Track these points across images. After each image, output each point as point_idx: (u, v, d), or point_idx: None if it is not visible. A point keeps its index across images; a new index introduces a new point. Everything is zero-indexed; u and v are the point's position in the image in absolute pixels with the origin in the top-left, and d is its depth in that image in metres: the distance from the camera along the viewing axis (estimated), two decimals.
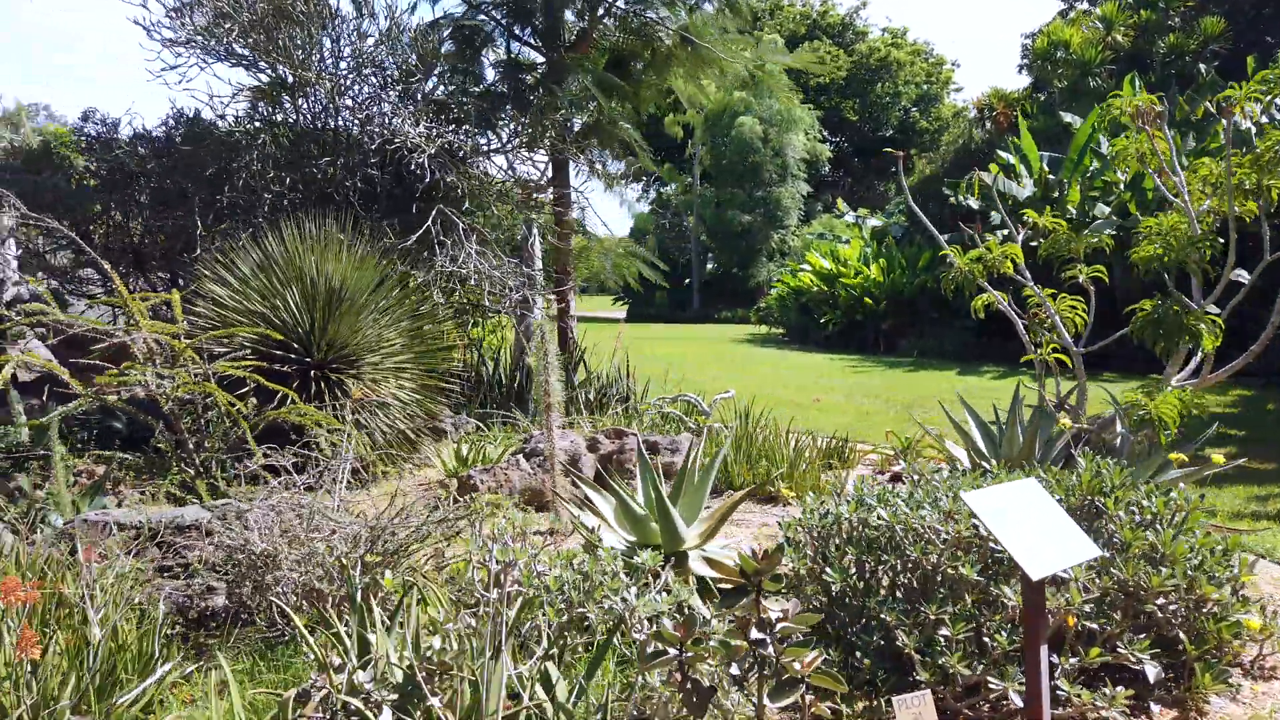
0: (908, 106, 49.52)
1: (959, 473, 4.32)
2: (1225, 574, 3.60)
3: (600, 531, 3.96)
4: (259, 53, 6.89)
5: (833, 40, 50.01)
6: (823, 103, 47.28)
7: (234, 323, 5.63)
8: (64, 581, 3.11)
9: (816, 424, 10.01)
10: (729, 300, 39.20)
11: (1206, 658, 3.46)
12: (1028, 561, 2.70)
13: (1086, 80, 22.39)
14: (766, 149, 39.31)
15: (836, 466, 7.28)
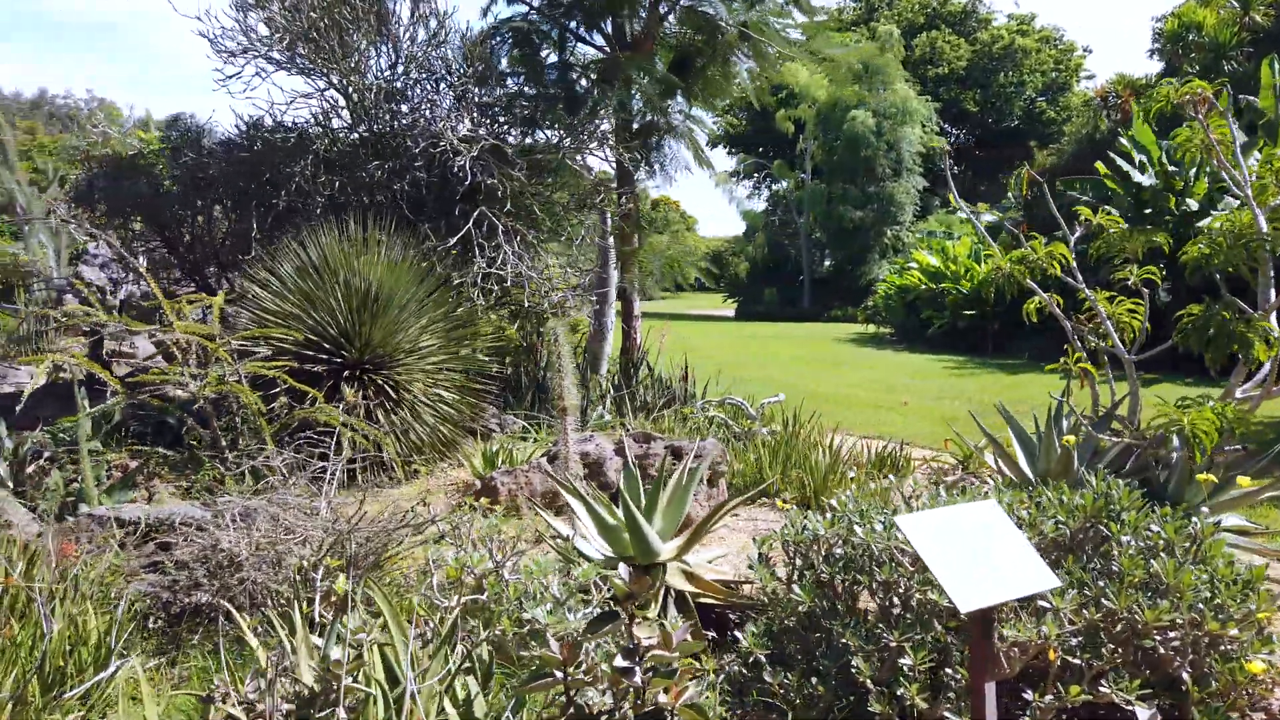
0: (1033, 96, 47.38)
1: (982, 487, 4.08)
2: (1238, 609, 3.27)
3: (576, 540, 3.91)
4: (310, 61, 7.13)
5: (953, 29, 48.33)
6: (942, 94, 45.78)
7: (273, 324, 5.83)
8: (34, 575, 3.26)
9: (896, 428, 9.69)
10: (841, 298, 38.37)
11: (1209, 701, 3.15)
12: (958, 591, 2.51)
13: (1220, 64, 20.94)
14: (880, 143, 38.31)
15: (887, 475, 7.01)
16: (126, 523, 4.00)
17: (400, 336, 6.21)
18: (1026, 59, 46.99)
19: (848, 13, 49.46)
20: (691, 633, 3.79)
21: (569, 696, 2.33)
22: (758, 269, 45.41)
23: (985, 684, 2.64)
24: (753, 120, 48.87)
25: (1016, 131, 46.98)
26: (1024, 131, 46.04)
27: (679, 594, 3.85)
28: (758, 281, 44.46)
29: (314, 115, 7.69)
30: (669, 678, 2.11)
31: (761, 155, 48.98)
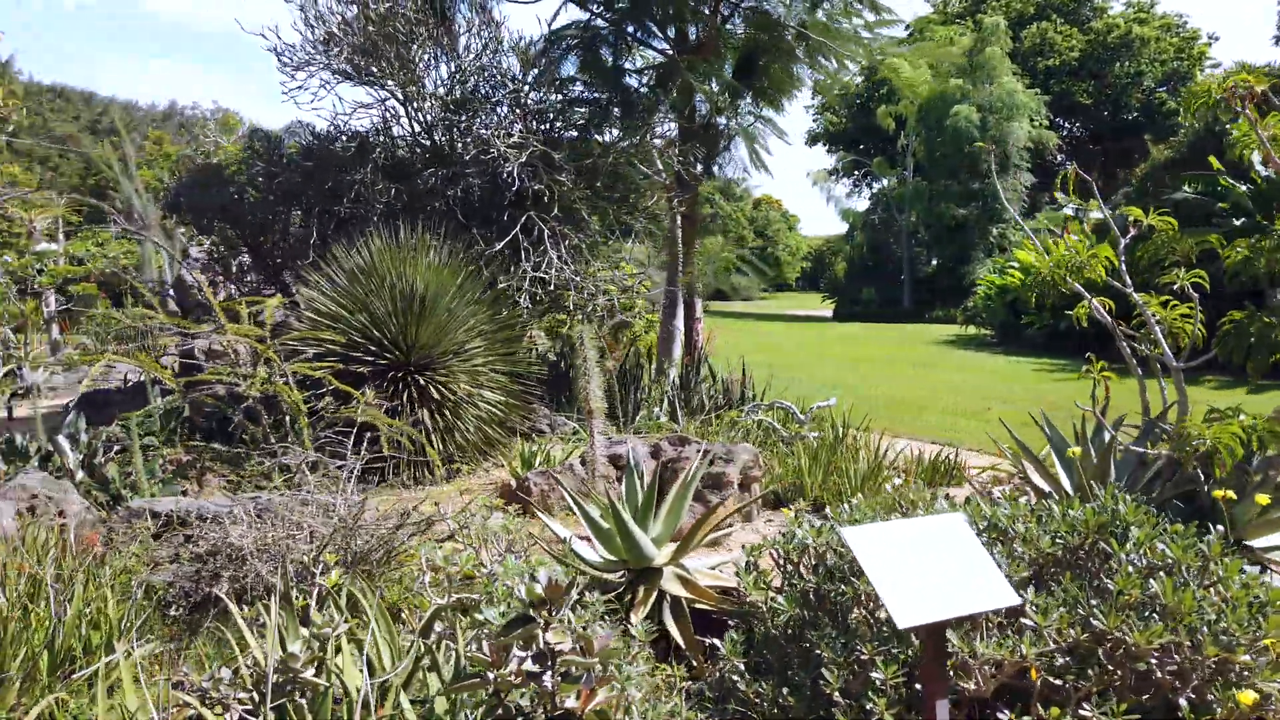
0: (1152, 86, 45.12)
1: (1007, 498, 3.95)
2: (1244, 634, 3.09)
3: (573, 543, 3.97)
4: (370, 72, 7.39)
5: (1065, 19, 46.44)
6: (1052, 86, 44.06)
7: (325, 326, 6.09)
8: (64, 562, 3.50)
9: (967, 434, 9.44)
10: (942, 298, 37.38)
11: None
12: (897, 606, 2.46)
13: None
14: (985, 138, 37.14)
15: (939, 483, 6.84)
16: (159, 514, 4.25)
17: (446, 339, 6.39)
18: (1145, 48, 44.79)
19: (954, 5, 48.13)
20: (685, 639, 3.81)
21: (498, 698, 2.39)
22: (856, 268, 44.67)
23: (937, 700, 2.58)
24: (853, 117, 48.10)
25: (1134, 124, 44.83)
26: (1142, 124, 43.90)
27: (674, 599, 3.87)
28: (856, 281, 43.74)
29: (375, 124, 7.98)
30: (576, 683, 2.14)
31: (862, 152, 48.12)
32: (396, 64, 7.30)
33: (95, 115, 58.74)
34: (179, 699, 2.60)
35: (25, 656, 3.04)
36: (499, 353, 6.76)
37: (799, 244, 79.57)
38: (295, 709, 2.67)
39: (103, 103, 60.92)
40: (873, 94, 44.88)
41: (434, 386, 6.23)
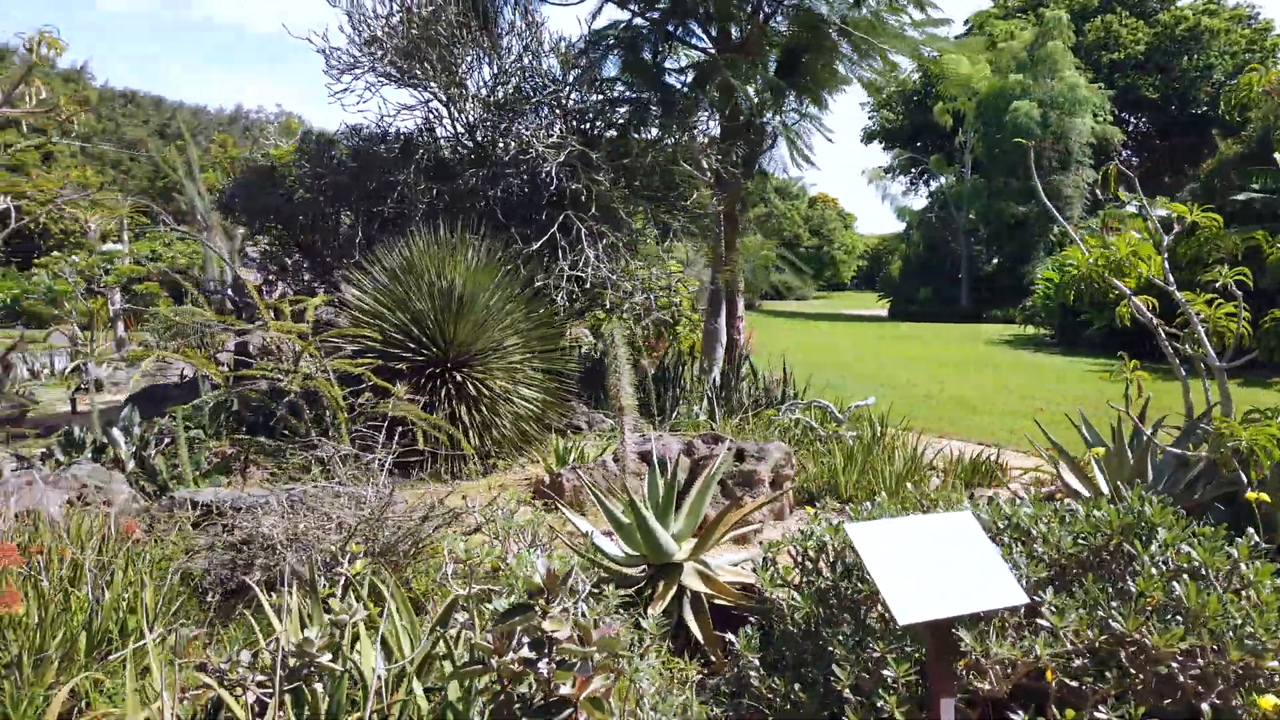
0: (1222, 80, 43.71)
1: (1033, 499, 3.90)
2: (1271, 639, 3.01)
3: (595, 538, 4.02)
4: (410, 75, 7.53)
5: (1131, 11, 45.23)
6: (1117, 80, 42.95)
7: (366, 323, 6.22)
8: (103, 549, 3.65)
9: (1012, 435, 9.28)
10: (1002, 298, 36.65)
11: None
12: (898, 602, 2.45)
13: None
14: (1046, 134, 36.36)
15: (979, 484, 6.75)
16: (199, 504, 4.39)
17: (483, 336, 6.48)
18: (1214, 40, 43.43)
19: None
20: (704, 634, 3.83)
21: (501, 684, 2.44)
22: (912, 267, 44.01)
23: (943, 699, 2.56)
24: (910, 113, 47.42)
25: (1203, 118, 43.48)
26: (1211, 118, 42.54)
27: (695, 595, 3.89)
28: (912, 280, 43.13)
29: (418, 125, 8.12)
30: (570, 670, 2.18)
31: (919, 149, 47.43)
32: (439, 66, 7.43)
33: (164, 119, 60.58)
34: (200, 680, 2.69)
35: (64, 637, 3.17)
36: (536, 350, 6.84)
37: (855, 242, 78.72)
38: (311, 692, 2.76)
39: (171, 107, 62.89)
40: (930, 90, 44.21)
41: (471, 383, 6.33)
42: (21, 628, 3.14)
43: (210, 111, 63.26)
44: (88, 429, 6.32)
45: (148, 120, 59.55)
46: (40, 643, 3.13)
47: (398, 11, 7.39)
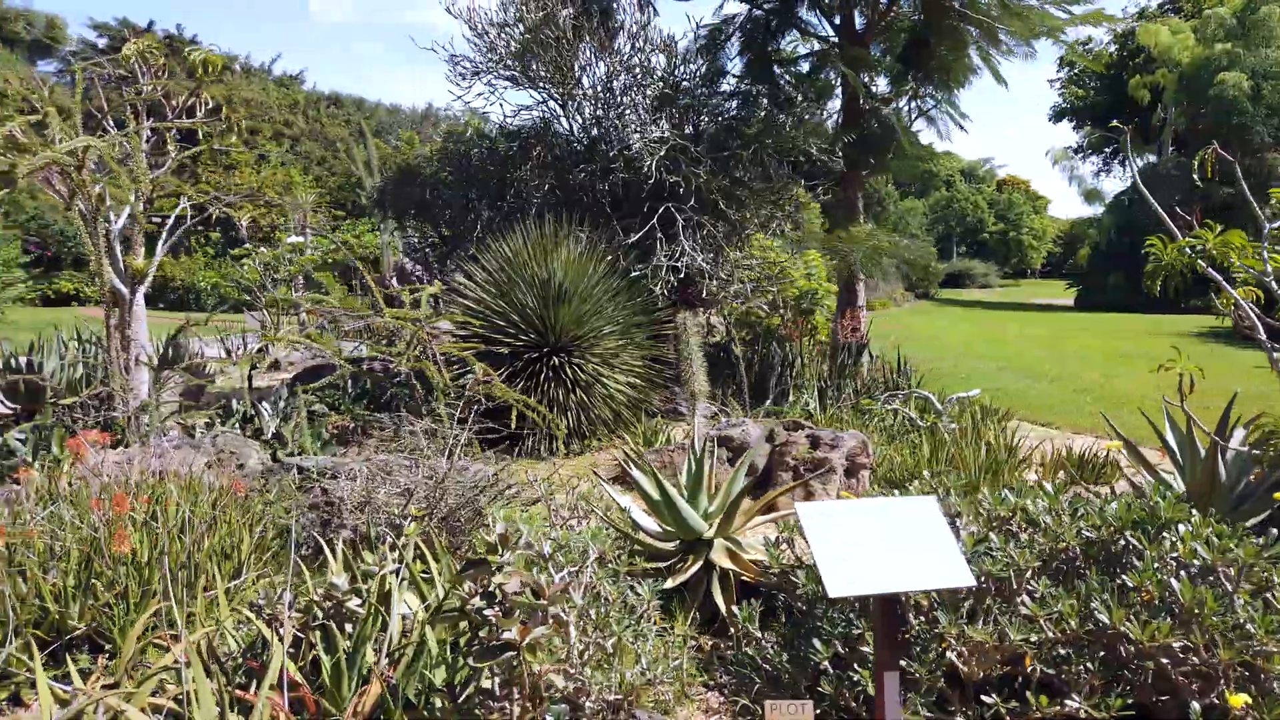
0: None
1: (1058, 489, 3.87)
2: (1269, 640, 2.92)
3: (633, 513, 4.31)
4: (527, 76, 7.97)
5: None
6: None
7: (475, 311, 6.74)
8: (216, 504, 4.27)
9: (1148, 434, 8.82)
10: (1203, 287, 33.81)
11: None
12: (831, 577, 2.61)
13: None
14: (1258, 108, 33.23)
15: (1086, 480, 6.53)
16: (304, 469, 5.00)
17: (581, 323, 6.86)
18: None
19: None
20: (727, 607, 4.04)
21: (471, 630, 2.78)
22: (1102, 253, 41.24)
23: (886, 673, 2.70)
24: (1103, 89, 44.35)
25: None
26: None
27: (722, 571, 4.11)
28: (1103, 267, 40.42)
29: (535, 124, 8.57)
30: (510, 617, 2.49)
31: (1112, 127, 44.16)
32: (552, 68, 7.85)
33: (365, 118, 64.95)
34: (247, 616, 3.18)
35: (162, 577, 3.77)
36: (633, 338, 7.16)
37: (1046, 227, 74.49)
38: (340, 629, 3.19)
39: (371, 107, 67.41)
40: (1126, 63, 41.24)
41: (569, 367, 6.73)
42: (132, 564, 3.76)
43: (404, 110, 67.62)
44: (241, 400, 7.18)
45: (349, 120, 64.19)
46: (146, 577, 3.74)
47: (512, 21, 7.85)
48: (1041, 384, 12.91)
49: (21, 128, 6.61)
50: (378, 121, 57.26)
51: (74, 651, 3.58)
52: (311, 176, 40.37)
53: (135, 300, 7.69)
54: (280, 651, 2.76)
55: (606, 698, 3.18)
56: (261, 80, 51.04)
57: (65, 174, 7.02)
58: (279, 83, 57.09)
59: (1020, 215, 71.98)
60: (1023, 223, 74.53)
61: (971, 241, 74.17)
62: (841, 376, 8.77)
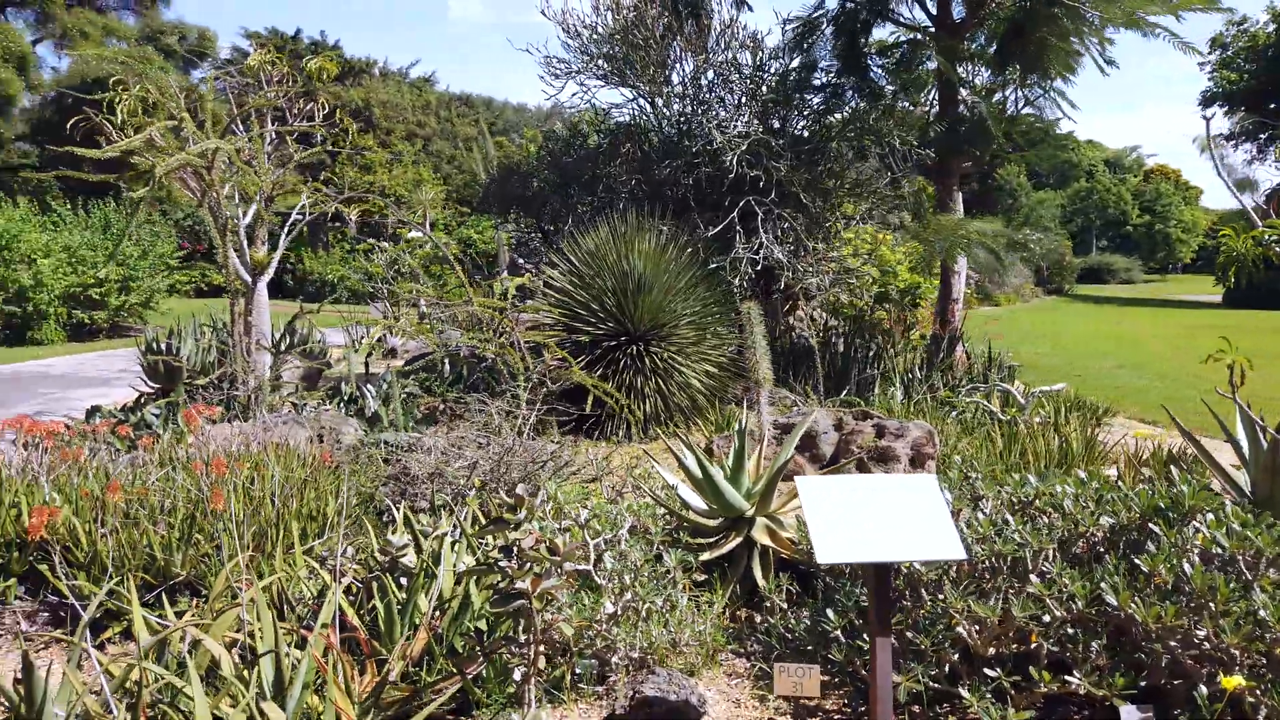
0: None
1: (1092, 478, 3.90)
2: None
3: (680, 490, 4.54)
4: (618, 75, 8.24)
5: None
6: None
7: (556, 301, 7.08)
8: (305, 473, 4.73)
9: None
10: None
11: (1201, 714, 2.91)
12: (821, 544, 2.78)
13: None
14: None
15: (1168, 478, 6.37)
16: (390, 444, 5.43)
17: (659, 314, 7.11)
18: None
19: None
20: (764, 581, 4.23)
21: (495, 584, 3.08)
22: None
23: (878, 638, 2.85)
24: (1257, 72, 41.46)
25: None
26: None
27: (763, 547, 4.30)
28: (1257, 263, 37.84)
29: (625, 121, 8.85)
30: (528, 571, 2.77)
31: (1271, 112, 41.41)
32: (641, 67, 8.11)
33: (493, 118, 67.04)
34: (314, 567, 3.58)
35: (255, 532, 4.23)
36: (712, 328, 7.35)
37: (1196, 219, 70.21)
38: (395, 582, 3.55)
39: (499, 107, 69.46)
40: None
41: (648, 356, 7.00)
42: (228, 521, 4.23)
43: (530, 109, 69.45)
44: (347, 383, 7.75)
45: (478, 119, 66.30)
46: (240, 532, 4.21)
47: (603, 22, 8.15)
48: (1160, 382, 12.42)
49: (160, 132, 7.33)
50: (505, 121, 58.89)
51: (177, 595, 4.08)
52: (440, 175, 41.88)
53: (257, 289, 8.39)
54: (334, 594, 3.13)
55: (631, 655, 3.44)
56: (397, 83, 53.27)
57: (197, 174, 7.74)
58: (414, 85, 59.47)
59: (1168, 207, 68.17)
60: (1171, 214, 70.55)
61: (1113, 235, 70.70)
62: (931, 369, 8.74)
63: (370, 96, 45.20)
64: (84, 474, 4.64)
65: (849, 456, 6.05)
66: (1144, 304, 36.21)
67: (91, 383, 12.01)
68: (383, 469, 5.26)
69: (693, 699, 3.15)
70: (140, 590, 3.99)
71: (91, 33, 25.37)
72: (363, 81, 47.48)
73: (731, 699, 3.41)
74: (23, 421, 4.63)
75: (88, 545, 4.13)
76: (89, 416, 7.55)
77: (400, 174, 34.26)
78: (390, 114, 46.87)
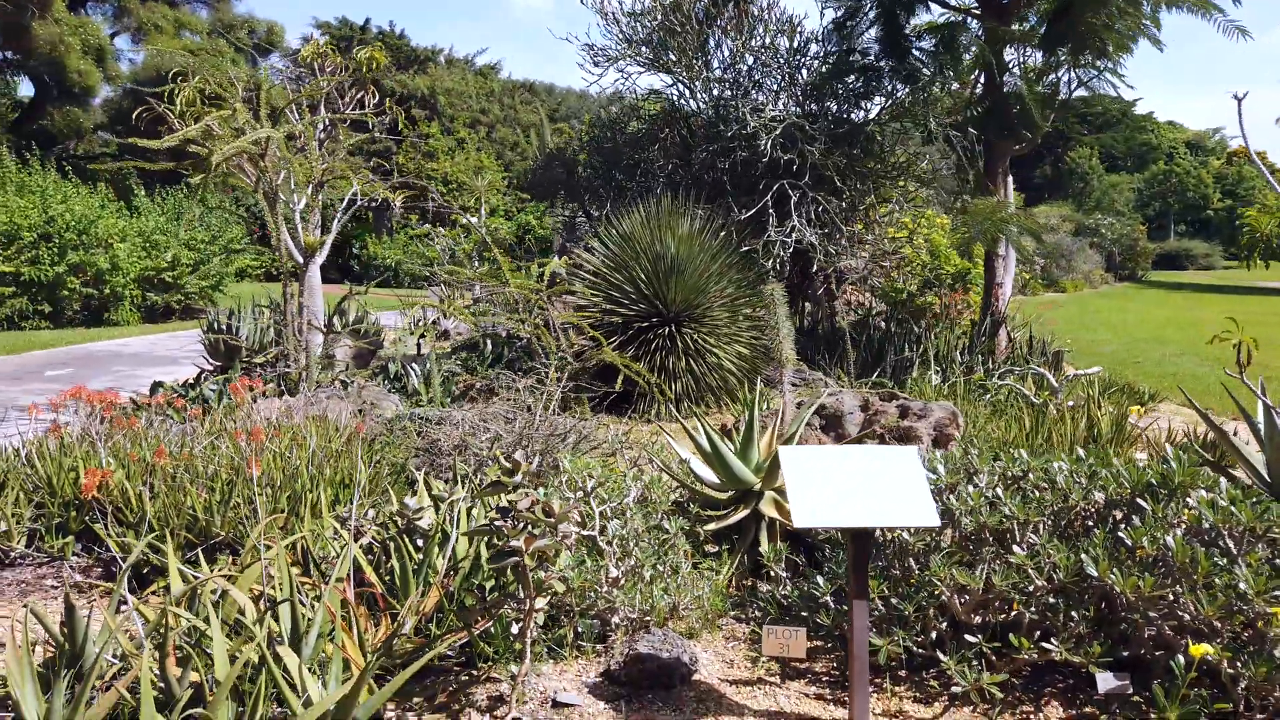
0: None
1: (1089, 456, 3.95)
2: (1262, 601, 2.96)
3: (693, 464, 4.70)
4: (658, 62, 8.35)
5: None
6: None
7: (591, 284, 7.26)
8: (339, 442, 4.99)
9: None
10: None
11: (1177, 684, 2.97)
12: (798, 509, 2.91)
13: None
14: None
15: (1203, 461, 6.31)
16: (425, 419, 5.68)
17: (692, 296, 7.23)
18: None
19: None
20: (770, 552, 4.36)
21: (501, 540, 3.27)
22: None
23: (856, 601, 2.97)
24: None
25: None
26: None
27: (769, 520, 4.43)
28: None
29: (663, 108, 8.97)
30: (522, 531, 2.95)
31: None
32: (677, 53, 8.21)
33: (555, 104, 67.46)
34: (335, 527, 3.82)
35: (290, 495, 4.51)
36: (744, 310, 7.45)
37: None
38: (412, 543, 3.77)
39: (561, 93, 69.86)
40: None
41: (679, 337, 7.14)
42: (266, 485, 4.51)
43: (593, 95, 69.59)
44: (394, 363, 8.05)
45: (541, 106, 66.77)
46: (275, 496, 4.48)
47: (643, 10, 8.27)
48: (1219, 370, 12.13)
49: (217, 122, 7.69)
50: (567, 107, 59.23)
51: (217, 554, 4.36)
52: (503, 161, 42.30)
53: (310, 272, 8.73)
54: (348, 551, 3.36)
55: (630, 617, 3.61)
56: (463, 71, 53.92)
57: (253, 161, 8.10)
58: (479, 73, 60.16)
59: (1250, 190, 65.70)
60: (1257, 198, 68.01)
61: (1193, 220, 68.49)
62: (972, 353, 8.72)
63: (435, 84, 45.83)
64: (137, 442, 4.97)
65: (872, 436, 6.13)
66: (1220, 290, 35.02)
67: (161, 361, 12.58)
68: (415, 441, 5.50)
69: (684, 657, 3.31)
70: (184, 549, 4.28)
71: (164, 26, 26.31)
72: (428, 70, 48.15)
73: (726, 660, 3.56)
74: (81, 393, 4.97)
75: (136, 506, 4.44)
76: (153, 391, 7.98)
77: (462, 160, 34.76)
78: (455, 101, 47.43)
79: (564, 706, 3.16)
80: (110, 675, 3.04)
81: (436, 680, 3.36)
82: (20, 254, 16.13)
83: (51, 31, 22.04)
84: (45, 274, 16.37)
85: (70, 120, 25.31)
